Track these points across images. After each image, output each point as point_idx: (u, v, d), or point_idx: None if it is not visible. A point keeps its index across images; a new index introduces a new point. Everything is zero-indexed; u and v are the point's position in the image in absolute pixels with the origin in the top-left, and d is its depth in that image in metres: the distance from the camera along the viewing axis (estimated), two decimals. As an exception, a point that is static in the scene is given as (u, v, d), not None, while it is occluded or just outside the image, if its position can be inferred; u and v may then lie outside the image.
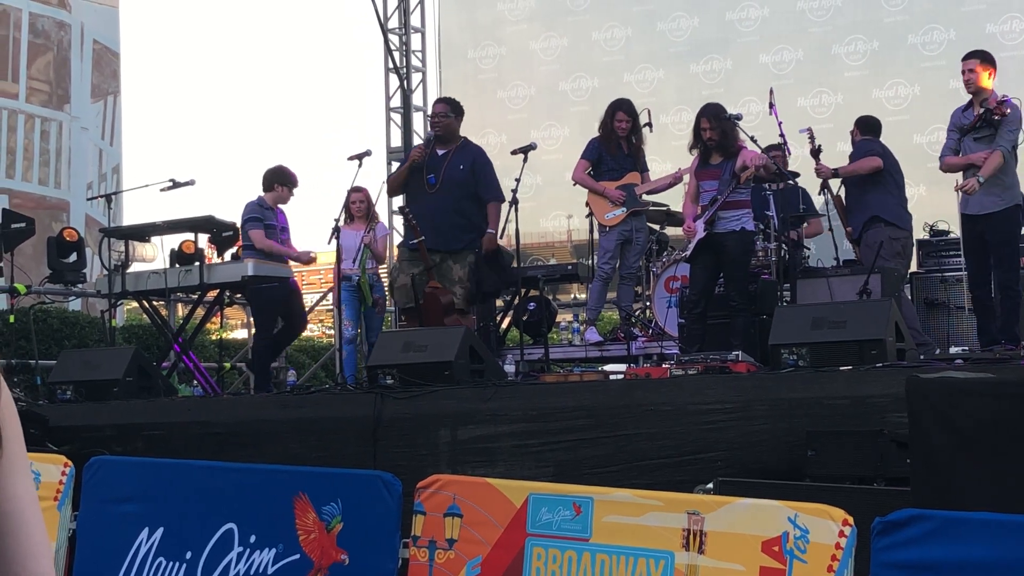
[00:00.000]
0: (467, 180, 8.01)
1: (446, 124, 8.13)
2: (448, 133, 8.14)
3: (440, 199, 7.94)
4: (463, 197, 8.00)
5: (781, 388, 5.41)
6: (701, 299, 7.49)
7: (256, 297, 8.81)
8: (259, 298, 8.80)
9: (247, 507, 5.00)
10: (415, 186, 8.12)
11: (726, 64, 12.74)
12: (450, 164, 8.00)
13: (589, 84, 13.11)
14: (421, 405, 6.04)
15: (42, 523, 1.42)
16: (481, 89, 13.79)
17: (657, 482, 5.04)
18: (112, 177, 18.06)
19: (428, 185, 8.01)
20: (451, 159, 8.03)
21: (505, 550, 4.34)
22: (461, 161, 8.06)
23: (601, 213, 8.45)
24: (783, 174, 7.77)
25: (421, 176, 8.06)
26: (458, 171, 8.01)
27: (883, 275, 7.54)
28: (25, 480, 1.41)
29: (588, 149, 8.63)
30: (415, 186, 8.12)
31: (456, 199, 7.96)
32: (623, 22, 13.26)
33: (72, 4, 17.52)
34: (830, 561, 3.68)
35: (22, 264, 8.91)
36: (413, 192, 8.18)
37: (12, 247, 8.76)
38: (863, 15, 12.26)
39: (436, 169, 8.02)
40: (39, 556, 1.39)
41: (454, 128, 8.20)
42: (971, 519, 3.60)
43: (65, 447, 6.35)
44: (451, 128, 8.16)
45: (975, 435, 4.12)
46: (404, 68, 13.82)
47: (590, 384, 6.20)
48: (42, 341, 10.11)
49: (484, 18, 14.05)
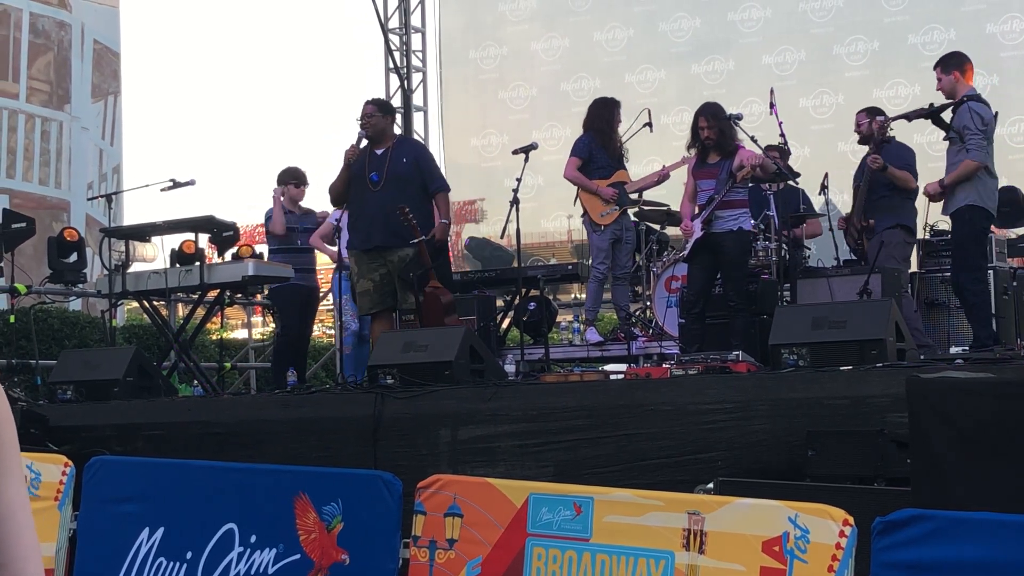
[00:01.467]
0: (411, 174, 7.85)
1: (374, 124, 7.97)
2: (378, 133, 7.98)
3: (385, 195, 7.74)
4: (409, 191, 7.80)
5: (781, 388, 5.41)
6: (699, 299, 7.49)
7: (277, 297, 8.88)
8: (280, 297, 8.87)
9: (247, 507, 5.00)
10: (356, 188, 7.92)
11: (728, 65, 12.75)
12: (392, 159, 7.85)
13: (590, 85, 13.12)
14: (421, 405, 6.04)
15: (32, 526, 1.45)
16: (482, 89, 13.81)
17: (657, 482, 5.04)
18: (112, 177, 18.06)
19: (371, 183, 7.80)
20: (392, 154, 7.89)
21: (505, 550, 4.34)
22: (403, 155, 7.94)
23: (595, 212, 8.44)
24: (782, 174, 7.77)
25: (362, 176, 7.86)
26: (402, 164, 7.85)
27: (883, 275, 7.54)
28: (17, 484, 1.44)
29: (579, 146, 8.60)
30: (356, 188, 7.92)
31: (402, 194, 7.75)
32: (624, 23, 13.27)
33: (72, 4, 17.53)
34: (830, 561, 3.68)
35: (22, 264, 8.90)
36: (355, 194, 7.95)
37: (12, 247, 8.75)
38: (864, 15, 12.27)
39: (378, 167, 7.84)
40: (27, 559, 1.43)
41: (383, 127, 8.05)
42: (971, 519, 3.60)
43: (65, 447, 6.35)
44: (380, 127, 8.00)
45: (975, 435, 4.12)
46: (404, 68, 13.82)
47: (590, 384, 6.20)
48: (42, 341, 10.11)
49: (485, 18, 14.06)
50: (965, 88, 7.43)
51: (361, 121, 8.04)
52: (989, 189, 7.38)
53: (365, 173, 7.85)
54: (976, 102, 7.34)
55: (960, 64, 7.50)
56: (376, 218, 7.78)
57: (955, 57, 7.63)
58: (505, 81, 13.76)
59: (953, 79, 7.44)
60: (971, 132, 7.22)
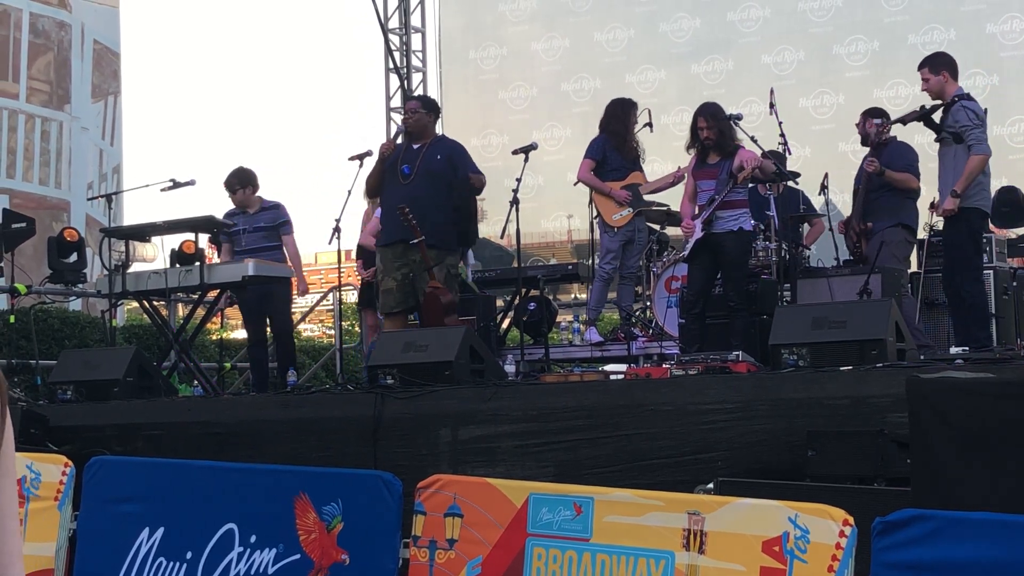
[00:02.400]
0: (444, 170, 7.78)
1: (417, 120, 7.94)
2: (420, 129, 7.93)
3: (415, 188, 7.70)
4: (439, 186, 7.75)
5: (781, 388, 5.40)
6: (699, 299, 7.48)
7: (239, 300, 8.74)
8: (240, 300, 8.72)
9: (247, 507, 5.00)
10: (389, 178, 7.87)
11: (727, 65, 12.75)
12: (427, 155, 7.81)
13: (591, 85, 13.12)
14: (421, 405, 6.04)
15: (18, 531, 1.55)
16: (482, 89, 13.81)
17: (657, 482, 5.04)
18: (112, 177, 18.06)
19: (402, 175, 7.76)
20: (427, 150, 7.84)
21: (505, 550, 4.34)
22: (439, 152, 7.88)
23: (609, 214, 8.45)
24: (782, 174, 7.76)
25: (394, 168, 7.83)
26: (435, 161, 7.80)
27: (883, 275, 7.54)
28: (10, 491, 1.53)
29: (593, 148, 8.59)
30: (389, 178, 7.87)
31: (432, 188, 7.71)
32: (625, 23, 13.27)
33: (72, 4, 17.53)
34: (830, 561, 3.68)
35: (22, 264, 8.91)
36: (387, 184, 7.90)
37: (12, 247, 8.76)
38: (864, 15, 12.27)
39: (411, 160, 7.81)
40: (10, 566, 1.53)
41: (426, 124, 7.99)
42: (971, 519, 3.61)
43: (65, 447, 6.35)
44: (422, 124, 7.95)
45: (975, 435, 4.12)
46: (404, 68, 13.82)
47: (590, 384, 6.19)
48: (42, 341, 10.11)
49: (485, 19, 14.05)
50: (954, 88, 7.37)
51: (404, 115, 8.07)
52: (984, 188, 7.35)
53: (398, 166, 7.82)
54: (967, 100, 7.31)
55: (948, 65, 7.44)
56: None
57: (942, 57, 7.57)
58: (505, 81, 13.76)
59: (942, 79, 7.38)
60: (970, 128, 7.16)
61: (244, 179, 8.79)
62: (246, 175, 8.82)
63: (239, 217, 8.80)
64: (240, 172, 8.83)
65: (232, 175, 8.80)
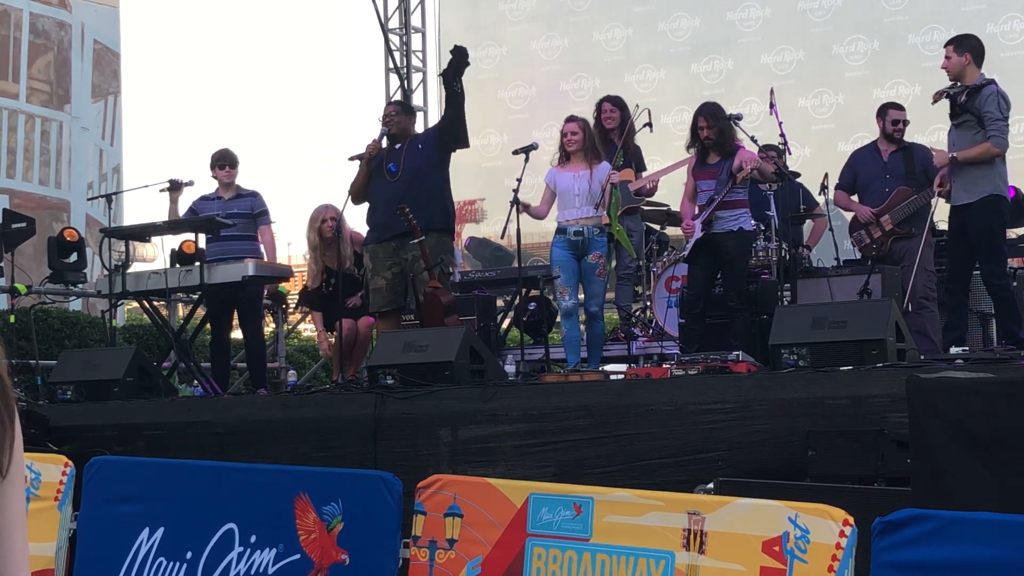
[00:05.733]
0: (430, 151, 7.86)
1: (397, 122, 8.04)
2: (400, 132, 8.02)
3: (403, 185, 7.75)
4: (430, 176, 7.82)
5: (781, 388, 5.41)
6: (699, 299, 7.48)
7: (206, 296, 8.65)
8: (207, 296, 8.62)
9: (247, 507, 5.00)
10: (375, 179, 7.93)
11: (727, 64, 12.75)
12: (409, 148, 7.89)
13: (590, 84, 13.11)
14: (422, 405, 6.05)
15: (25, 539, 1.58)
16: (482, 89, 13.79)
17: (657, 482, 5.04)
18: (112, 177, 18.05)
19: (389, 174, 7.82)
20: (409, 144, 7.93)
21: (505, 550, 4.34)
22: (419, 141, 8.00)
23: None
24: (782, 174, 7.76)
25: (380, 169, 7.89)
26: (418, 150, 7.87)
27: (883, 275, 7.54)
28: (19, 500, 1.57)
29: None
30: (375, 179, 7.93)
31: (421, 182, 7.76)
32: (624, 22, 13.27)
33: (72, 4, 17.52)
34: (830, 561, 3.68)
35: (22, 264, 8.90)
36: (374, 189, 7.95)
37: (12, 247, 8.75)
38: (863, 15, 12.27)
39: (396, 158, 7.88)
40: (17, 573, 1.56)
41: (406, 126, 8.11)
42: (971, 519, 3.60)
43: (65, 447, 6.35)
44: (402, 126, 8.06)
45: (975, 435, 4.12)
46: (404, 68, 13.83)
47: (590, 384, 6.20)
48: (42, 341, 10.11)
49: (485, 18, 14.05)
50: (975, 73, 7.24)
51: (383, 120, 8.10)
52: (1005, 178, 7.27)
53: (383, 167, 7.89)
54: (998, 88, 7.19)
55: (974, 49, 7.26)
56: (392, 206, 7.70)
57: (970, 40, 7.38)
58: (505, 81, 13.76)
59: (964, 61, 7.19)
60: (994, 118, 7.02)
61: (233, 160, 8.80)
62: (234, 156, 8.84)
63: (213, 203, 8.74)
64: (228, 152, 8.83)
65: (222, 154, 8.78)
